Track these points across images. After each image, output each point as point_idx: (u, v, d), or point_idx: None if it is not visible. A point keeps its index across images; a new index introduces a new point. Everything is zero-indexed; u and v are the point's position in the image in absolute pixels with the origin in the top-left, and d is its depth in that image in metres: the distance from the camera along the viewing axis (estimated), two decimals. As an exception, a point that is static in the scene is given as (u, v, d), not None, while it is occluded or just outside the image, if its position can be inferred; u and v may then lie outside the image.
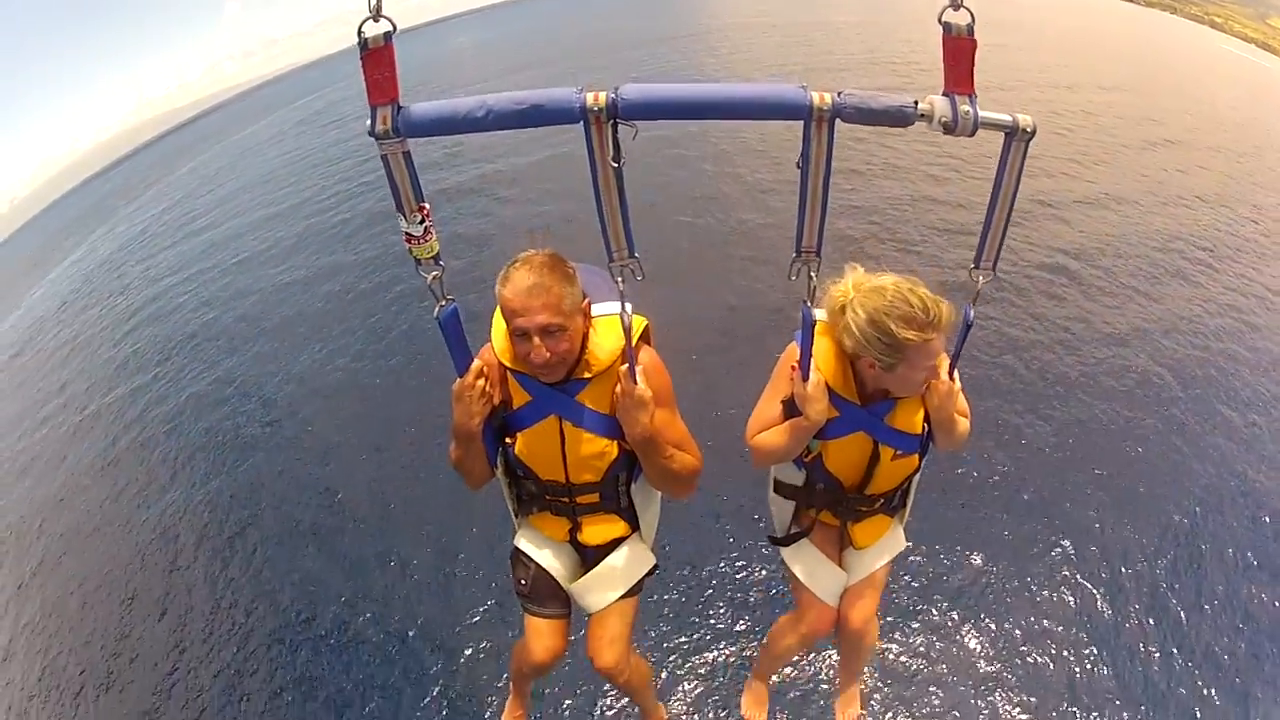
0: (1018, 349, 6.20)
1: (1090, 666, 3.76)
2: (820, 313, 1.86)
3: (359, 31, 1.31)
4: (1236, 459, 5.14)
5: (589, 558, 2.13)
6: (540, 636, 2.11)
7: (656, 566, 2.17)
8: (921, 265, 7.39)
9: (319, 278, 10.19)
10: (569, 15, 56.58)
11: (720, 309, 7.10)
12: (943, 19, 1.32)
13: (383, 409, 6.55)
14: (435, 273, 1.60)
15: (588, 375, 1.83)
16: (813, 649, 3.57)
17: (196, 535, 5.71)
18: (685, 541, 4.37)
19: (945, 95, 1.37)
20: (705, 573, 4.28)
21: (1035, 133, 1.41)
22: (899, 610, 4.00)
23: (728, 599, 4.13)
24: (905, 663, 3.75)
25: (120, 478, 6.97)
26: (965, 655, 3.79)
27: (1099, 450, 5.16)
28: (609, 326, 1.83)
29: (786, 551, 2.22)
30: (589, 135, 1.38)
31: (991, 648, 3.83)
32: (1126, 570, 4.27)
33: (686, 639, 3.91)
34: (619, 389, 1.77)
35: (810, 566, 2.18)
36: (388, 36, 1.33)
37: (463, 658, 4.04)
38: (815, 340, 1.80)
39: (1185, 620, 4.04)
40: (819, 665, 3.68)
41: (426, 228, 1.53)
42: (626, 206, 1.48)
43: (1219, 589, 4.22)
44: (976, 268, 1.65)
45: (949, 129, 1.37)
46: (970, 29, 1.32)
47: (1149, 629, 3.98)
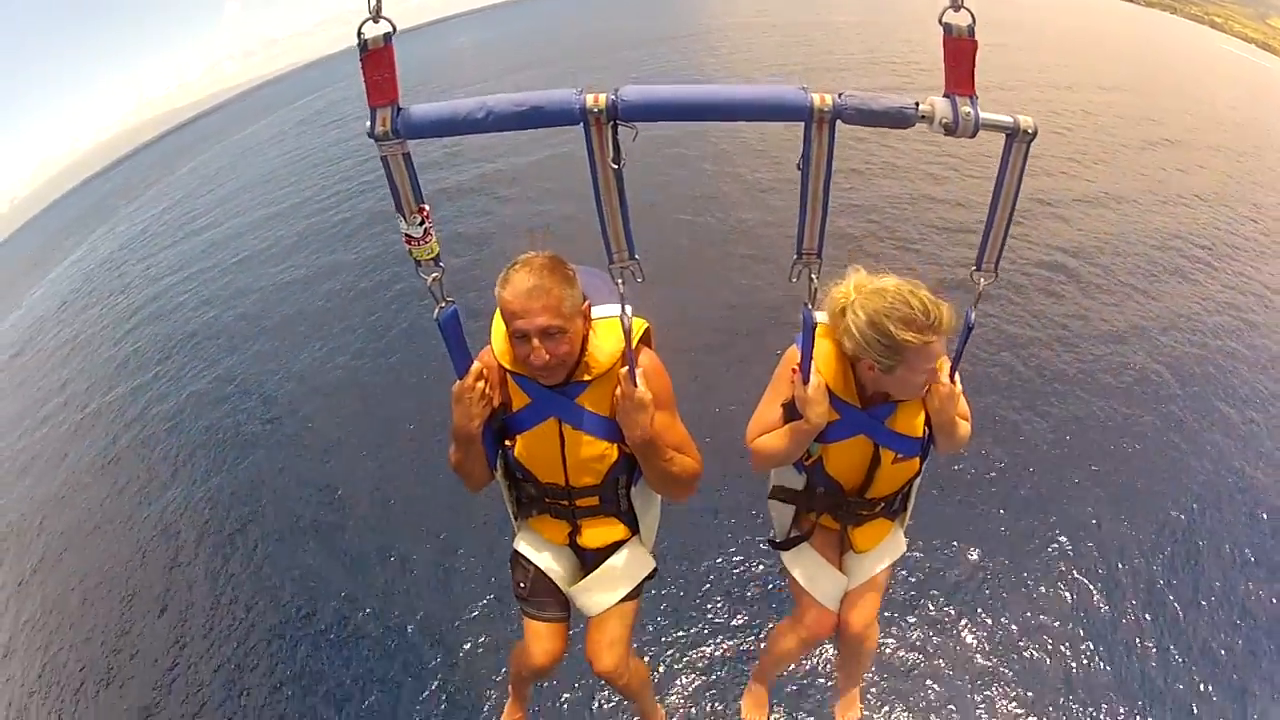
0: (1016, 346, 6.21)
1: (1087, 662, 3.76)
2: (821, 315, 1.84)
3: (359, 33, 1.29)
4: (1234, 455, 5.14)
5: (588, 561, 2.13)
6: (539, 639, 2.10)
7: (656, 570, 2.16)
8: (921, 263, 7.39)
9: (319, 276, 10.20)
10: (569, 15, 56.59)
11: (720, 307, 7.12)
12: (943, 20, 1.31)
13: (383, 407, 6.57)
14: (435, 274, 1.59)
15: (588, 378, 1.81)
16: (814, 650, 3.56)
17: (197, 532, 5.72)
18: (683, 537, 4.37)
19: (946, 96, 1.36)
20: (703, 567, 4.28)
21: (1036, 134, 1.40)
22: (896, 605, 4.00)
23: (725, 593, 4.13)
24: (902, 657, 3.75)
25: (121, 475, 6.99)
26: (962, 650, 3.79)
27: (1096, 447, 5.16)
28: (609, 329, 1.81)
29: (786, 555, 2.21)
30: (589, 137, 1.37)
31: (988, 643, 3.83)
32: (1123, 566, 4.27)
33: (684, 633, 3.92)
34: (619, 391, 1.76)
35: (810, 570, 2.17)
36: (387, 38, 1.31)
37: (462, 652, 4.05)
38: (816, 343, 1.78)
39: (1182, 616, 4.03)
40: (819, 666, 3.67)
41: (426, 229, 1.51)
42: (627, 208, 1.47)
43: (1216, 585, 4.21)
44: (978, 269, 1.63)
45: (950, 130, 1.36)
46: (971, 30, 1.31)
47: (1146, 625, 3.98)
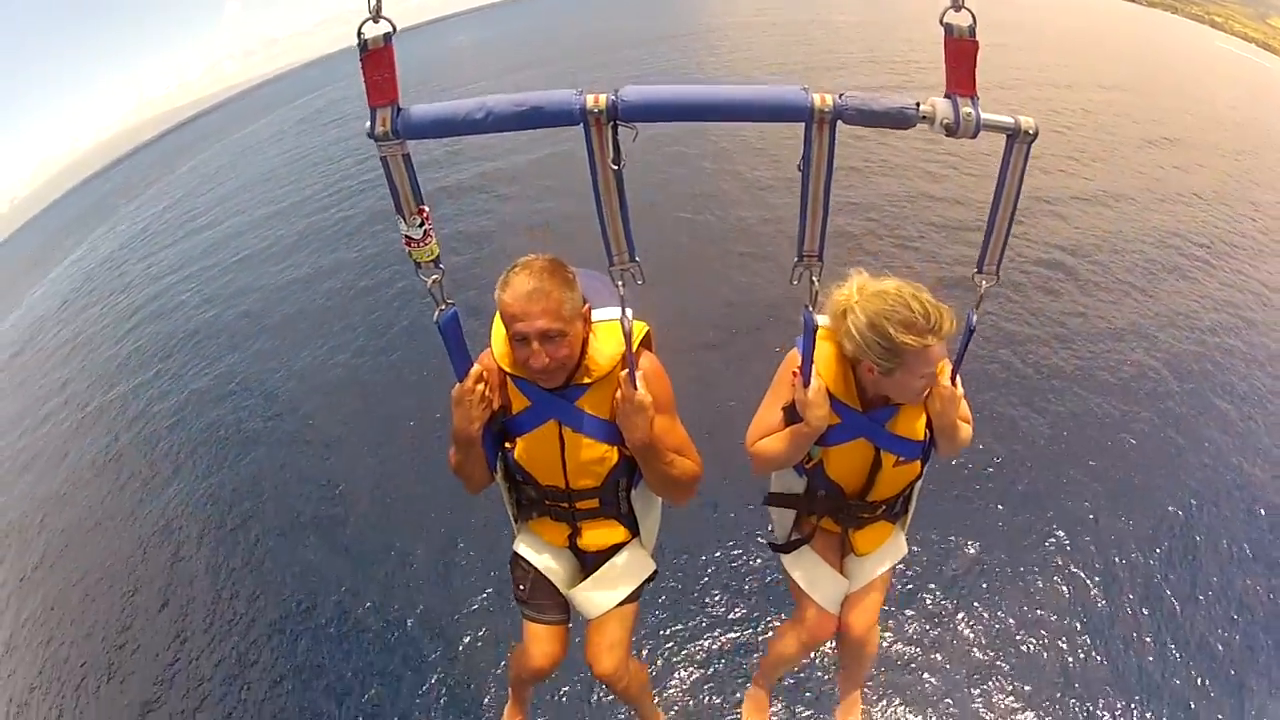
0: (1014, 343, 6.21)
1: (1084, 656, 3.77)
2: (823, 318, 1.83)
3: (359, 33, 1.28)
4: (1232, 452, 5.14)
5: (588, 563, 2.12)
6: (539, 642, 2.09)
7: (656, 573, 2.15)
8: (919, 261, 7.37)
9: (320, 275, 10.22)
10: (568, 14, 56.52)
11: (720, 305, 7.14)
12: (944, 20, 1.30)
13: (383, 404, 6.59)
14: (435, 276, 1.57)
15: (588, 381, 1.80)
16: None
17: (198, 529, 5.74)
18: (682, 529, 4.36)
19: (947, 97, 1.36)
20: (701, 560, 4.30)
21: (1037, 135, 1.40)
22: (894, 598, 4.01)
23: (723, 586, 4.14)
24: (900, 650, 3.77)
25: (122, 473, 7.01)
26: (959, 643, 3.80)
27: (1094, 443, 5.16)
28: (609, 332, 1.80)
29: (787, 558, 2.19)
30: (589, 137, 1.36)
31: (985, 636, 3.84)
32: (1121, 561, 4.28)
33: (683, 626, 3.93)
34: (619, 394, 1.75)
35: (811, 573, 2.16)
36: (387, 38, 1.30)
37: (461, 645, 4.07)
38: (817, 345, 1.77)
39: (1179, 611, 4.03)
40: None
41: (426, 230, 1.50)
42: (627, 209, 1.46)
43: (1213, 580, 4.21)
44: (979, 272, 1.62)
45: (951, 131, 1.35)
46: (972, 30, 1.30)
47: (1143, 619, 3.98)
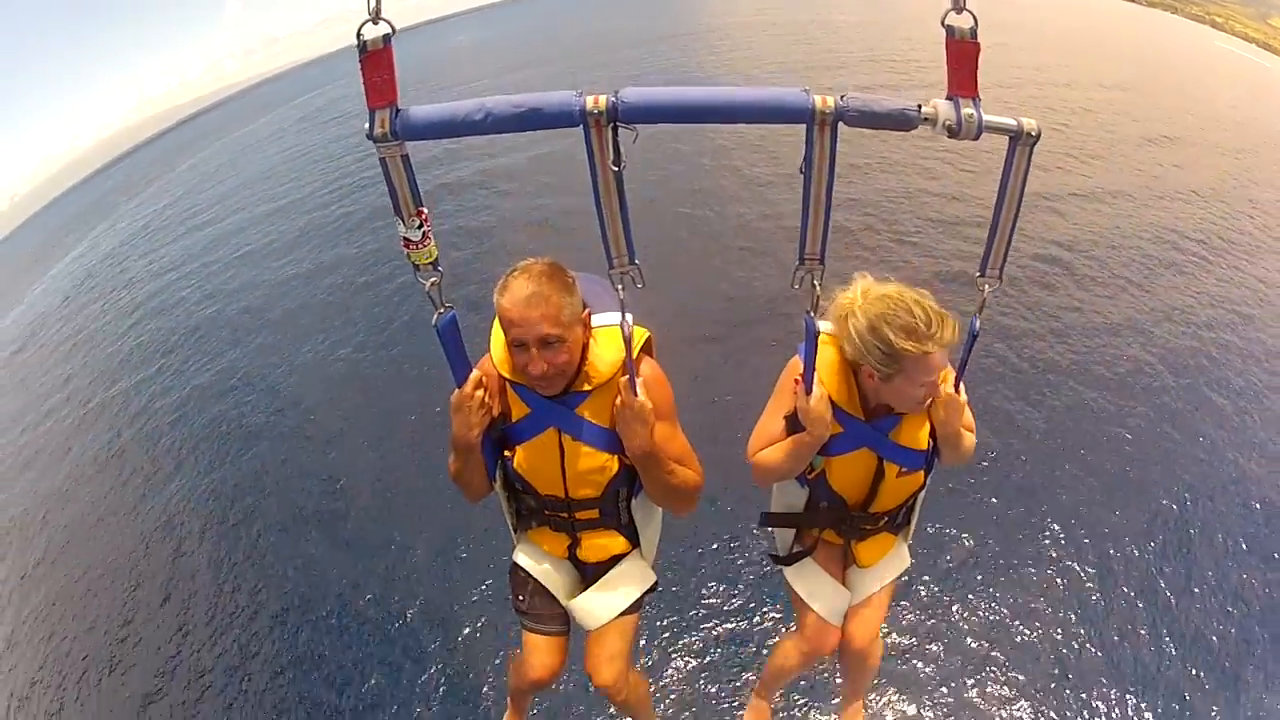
0: (1010, 337, 6.22)
1: (1079, 647, 3.78)
2: (825, 324, 1.81)
3: (358, 34, 1.27)
4: (1227, 446, 5.15)
5: (588, 574, 2.10)
6: (538, 653, 2.07)
7: (657, 584, 2.12)
8: (916, 256, 7.40)
9: (321, 271, 10.25)
10: (568, 14, 56.48)
11: (719, 300, 7.16)
12: (946, 22, 1.29)
13: (384, 399, 6.62)
14: (433, 279, 1.54)
15: (588, 388, 1.77)
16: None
17: (201, 523, 5.76)
18: (678, 521, 4.37)
19: (949, 99, 1.34)
20: (698, 552, 4.31)
21: (1039, 136, 1.40)
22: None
23: (719, 577, 4.16)
24: (895, 640, 3.78)
25: (124, 468, 7.03)
26: (954, 634, 3.81)
27: (1089, 436, 5.18)
28: (610, 338, 1.78)
29: (789, 570, 2.18)
30: (589, 139, 1.34)
31: (981, 627, 3.86)
32: (1116, 553, 4.29)
33: (679, 616, 3.95)
34: (619, 401, 1.72)
35: (813, 586, 2.14)
36: (387, 39, 1.29)
37: (461, 636, 4.10)
38: (821, 350, 1.74)
39: (1175, 604, 4.04)
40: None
41: (425, 233, 1.48)
42: (627, 211, 1.45)
43: (1209, 574, 4.22)
44: (982, 275, 1.59)
45: (953, 133, 1.34)
46: (974, 32, 1.29)
47: (1138, 611, 3.99)
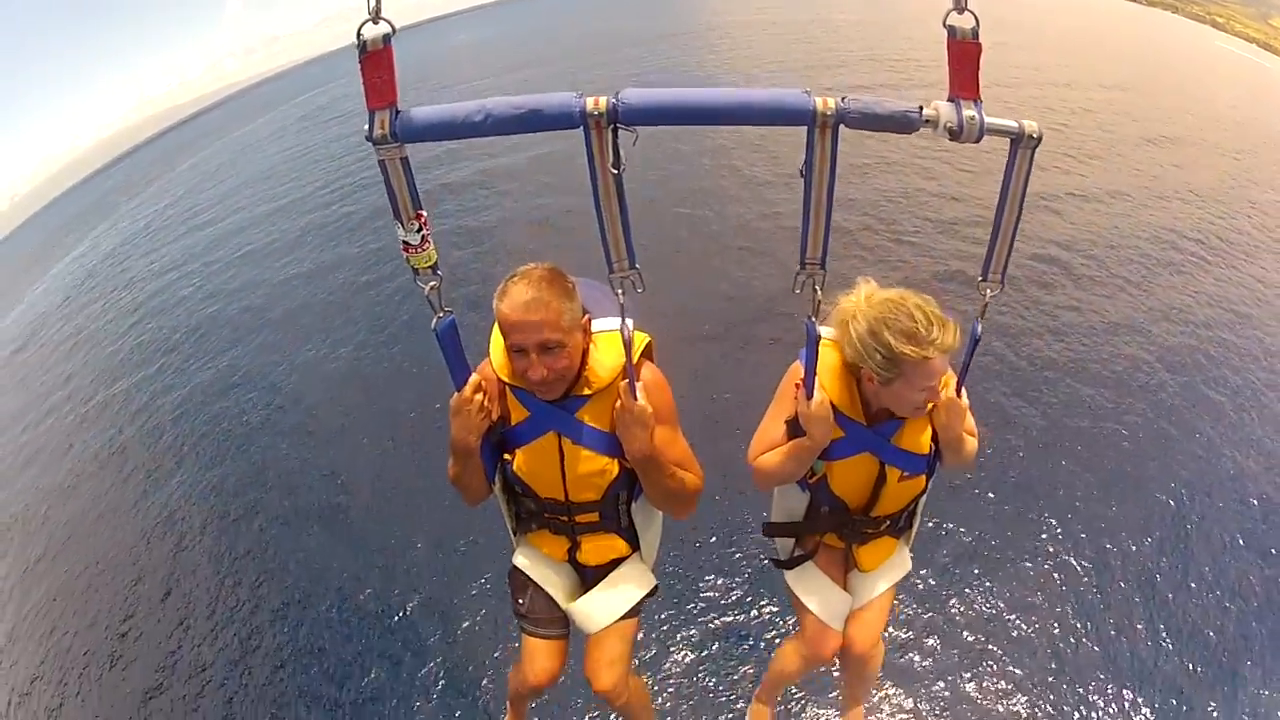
0: (1007, 335, 6.22)
1: (1075, 641, 3.79)
2: (826, 329, 1.81)
3: (358, 34, 1.26)
4: (1225, 444, 5.15)
5: (588, 578, 2.10)
6: (538, 658, 2.07)
7: (657, 588, 2.12)
8: (915, 256, 7.44)
9: (322, 270, 10.25)
10: (568, 13, 56.50)
11: (719, 298, 7.16)
12: (947, 23, 1.28)
13: (385, 396, 6.64)
14: (433, 283, 1.53)
15: (588, 392, 1.78)
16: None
17: (202, 519, 5.77)
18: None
19: (950, 101, 1.34)
20: (697, 546, 4.32)
21: (1041, 139, 1.39)
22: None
23: (717, 569, 4.17)
24: (892, 634, 3.78)
25: (126, 466, 7.04)
26: (951, 627, 3.83)
27: (1086, 433, 5.18)
28: (610, 342, 1.78)
29: (790, 575, 2.18)
30: (588, 141, 1.34)
31: (978, 621, 3.87)
32: (1113, 549, 4.29)
33: (677, 611, 3.95)
34: (619, 405, 1.72)
35: (814, 590, 2.15)
36: (387, 39, 1.28)
37: (461, 629, 4.11)
38: (823, 354, 1.74)
39: (1172, 599, 4.05)
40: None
41: (424, 236, 1.47)
42: (627, 214, 1.44)
43: (1206, 569, 4.22)
44: (984, 279, 1.58)
45: (954, 135, 1.33)
46: (975, 33, 1.28)
47: (1135, 606, 3.99)
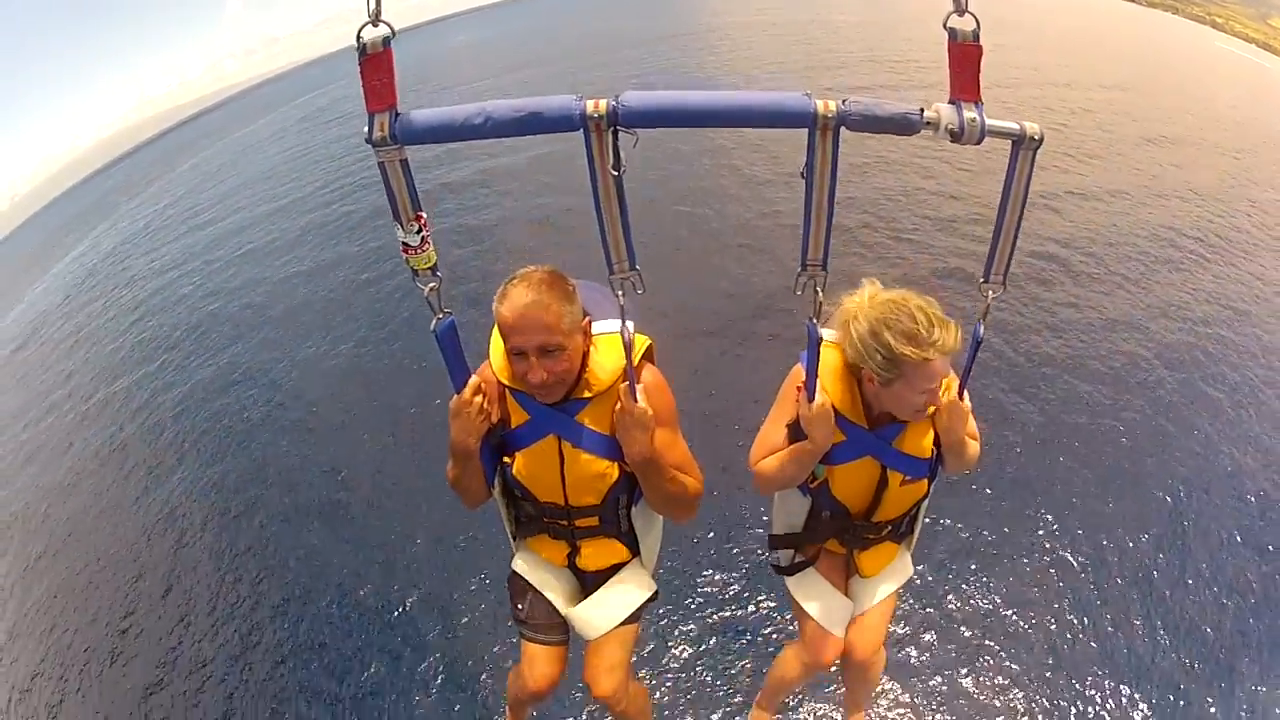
0: (1005, 332, 6.22)
1: (1072, 636, 3.79)
2: (828, 332, 1.80)
3: (358, 36, 1.26)
4: (1223, 440, 5.16)
5: (588, 583, 2.09)
6: (537, 663, 2.07)
7: (658, 593, 2.11)
8: (913, 253, 7.46)
9: (323, 269, 10.26)
10: (568, 14, 56.52)
11: (718, 296, 7.17)
12: (948, 25, 1.28)
13: (385, 393, 6.65)
14: (432, 284, 1.53)
15: (588, 395, 1.77)
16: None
17: (203, 515, 5.78)
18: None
19: (951, 103, 1.34)
20: (694, 540, 4.32)
21: (1043, 141, 1.39)
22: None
23: (716, 564, 4.18)
24: (889, 630, 3.77)
25: (127, 462, 7.05)
26: (948, 623, 3.83)
27: (1084, 429, 5.19)
28: (610, 345, 1.77)
29: (791, 580, 2.17)
30: (589, 143, 1.33)
31: (975, 615, 3.88)
32: (1110, 544, 4.30)
33: (675, 605, 3.95)
34: (619, 407, 1.71)
35: (815, 596, 2.14)
36: (386, 41, 1.28)
37: (460, 623, 4.12)
38: (824, 359, 1.73)
39: (1169, 595, 4.05)
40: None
41: (424, 238, 1.47)
42: (627, 215, 1.44)
43: (1203, 566, 4.23)
44: (986, 281, 1.57)
45: (955, 137, 1.33)
46: (976, 35, 1.28)
47: (1132, 602, 4.00)
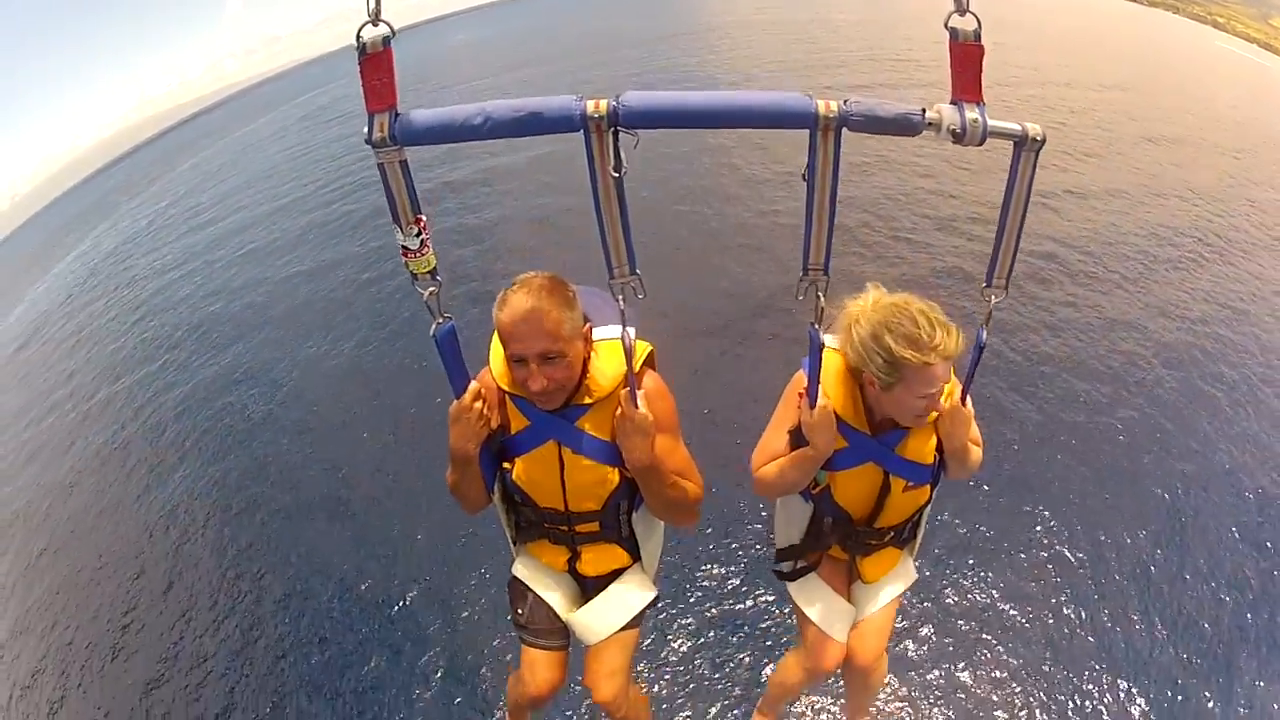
0: (1003, 330, 6.19)
1: (1070, 631, 3.81)
2: (830, 337, 1.80)
3: (357, 36, 1.25)
4: (1221, 438, 5.17)
5: (588, 588, 2.09)
6: (538, 669, 2.06)
7: (658, 598, 2.12)
8: (913, 252, 7.47)
9: (324, 268, 10.28)
10: (568, 13, 56.52)
11: (718, 296, 7.18)
12: (949, 25, 1.27)
13: (386, 392, 6.67)
14: (432, 288, 1.52)
15: (588, 401, 1.77)
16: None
17: (204, 513, 5.80)
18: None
19: (953, 103, 1.33)
20: (693, 535, 4.31)
21: (1045, 142, 1.38)
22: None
23: (715, 559, 4.19)
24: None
25: (129, 461, 7.07)
26: (946, 617, 3.84)
27: (1082, 427, 5.20)
28: (611, 351, 1.77)
29: (793, 586, 2.18)
30: (589, 144, 1.32)
31: (972, 610, 3.89)
32: (1108, 541, 4.31)
33: (673, 600, 3.96)
34: (619, 413, 1.71)
35: (817, 602, 2.13)
36: (386, 41, 1.27)
37: (461, 618, 4.14)
38: (826, 365, 1.72)
39: (1167, 591, 4.06)
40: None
41: (423, 241, 1.46)
42: (628, 217, 1.42)
43: (1201, 562, 4.24)
44: (988, 285, 1.55)
45: (957, 138, 1.32)
46: (977, 35, 1.27)
47: (1130, 598, 4.01)
